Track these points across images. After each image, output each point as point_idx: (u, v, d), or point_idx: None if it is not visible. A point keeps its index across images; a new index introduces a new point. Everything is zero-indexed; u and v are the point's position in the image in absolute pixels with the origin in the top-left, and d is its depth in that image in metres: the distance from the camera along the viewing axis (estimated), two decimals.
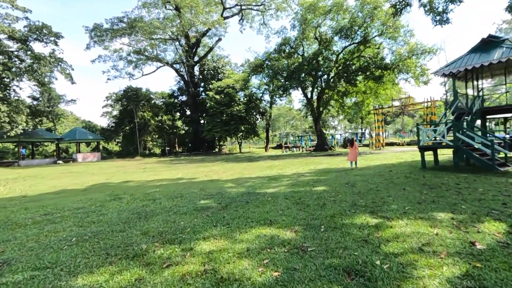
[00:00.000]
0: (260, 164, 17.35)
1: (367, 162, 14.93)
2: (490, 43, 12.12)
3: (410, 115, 73.08)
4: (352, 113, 46.11)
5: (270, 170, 13.66)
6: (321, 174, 11.06)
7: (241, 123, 38.68)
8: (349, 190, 7.27)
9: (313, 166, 14.57)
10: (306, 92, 31.84)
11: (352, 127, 77.02)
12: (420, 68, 24.66)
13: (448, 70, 12.41)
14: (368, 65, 26.74)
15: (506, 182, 7.20)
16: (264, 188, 8.25)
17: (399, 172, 10.26)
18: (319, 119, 31.76)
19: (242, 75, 37.96)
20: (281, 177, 10.62)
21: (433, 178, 8.40)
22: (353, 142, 12.79)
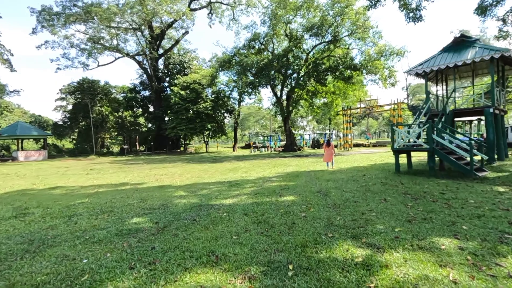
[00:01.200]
0: (224, 166, 15.80)
1: (337, 165, 14.06)
2: (462, 43, 11.76)
3: (374, 117, 75.92)
4: (321, 114, 46.24)
5: (234, 173, 12.18)
6: (289, 178, 9.82)
7: (208, 121, 36.72)
8: (323, 201, 6.03)
9: (281, 168, 13.35)
10: (275, 91, 30.82)
11: (320, 128, 78.16)
12: (388, 70, 24.74)
13: (422, 69, 11.86)
14: (338, 65, 26.37)
15: (493, 191, 6.42)
16: (221, 199, 6.74)
17: (374, 177, 9.34)
18: (288, 118, 30.93)
19: (210, 70, 36.04)
20: (244, 183, 9.18)
21: (412, 185, 7.49)
22: (329, 143, 12.55)
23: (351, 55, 26.97)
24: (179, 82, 36.93)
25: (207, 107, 35.10)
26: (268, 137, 43.15)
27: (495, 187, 6.91)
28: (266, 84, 28.57)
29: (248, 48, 30.99)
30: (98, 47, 37.79)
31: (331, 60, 27.84)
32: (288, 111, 30.00)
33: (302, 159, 19.20)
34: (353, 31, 25.10)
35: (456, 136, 9.82)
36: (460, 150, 8.90)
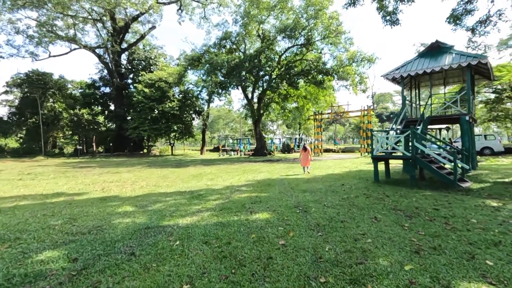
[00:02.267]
0: (188, 171, 14.22)
1: (312, 171, 13.20)
2: (438, 49, 11.53)
3: (342, 123, 78.09)
4: (292, 118, 46.06)
5: (198, 180, 10.73)
6: (261, 188, 8.64)
7: (174, 122, 34.57)
8: (303, 221, 4.92)
9: (252, 175, 12.16)
10: (246, 92, 29.72)
11: (290, 133, 78.63)
12: (359, 76, 24.82)
13: (399, 74, 11.42)
14: (310, 69, 25.99)
15: (488, 207, 5.77)
16: (177, 217, 5.35)
17: (353, 187, 8.49)
18: (259, 121, 29.97)
19: (177, 68, 34.02)
20: (208, 193, 7.82)
21: (399, 198, 6.68)
22: (306, 148, 12.73)
23: (323, 60, 26.78)
24: (143, 79, 34.40)
25: (174, 107, 33.00)
26: (237, 140, 41.90)
27: (486, 200, 6.30)
28: (237, 85, 27.36)
29: (219, 47, 29.64)
30: (50, 35, 33.93)
31: (304, 63, 27.44)
32: (259, 114, 29.04)
33: (274, 164, 18.20)
34: (325, 36, 24.88)
35: (438, 144, 9.33)
36: (442, 159, 8.36)
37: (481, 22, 13.65)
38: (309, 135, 57.07)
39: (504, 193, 7.03)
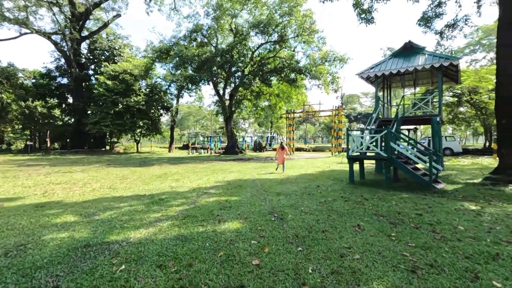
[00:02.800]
0: (152, 171, 13.04)
1: (285, 172, 12.69)
2: (411, 49, 11.54)
3: (312, 123, 79.56)
4: (264, 116, 45.68)
5: (161, 181, 9.70)
6: (231, 190, 7.88)
7: (140, 117, 32.51)
8: (280, 232, 4.26)
9: (222, 175, 11.35)
10: (218, 89, 28.69)
11: (262, 131, 78.51)
12: (331, 75, 24.93)
13: (373, 73, 11.25)
14: (283, 67, 25.60)
15: (468, 211, 5.54)
16: (128, 229, 4.43)
17: (329, 188, 8.05)
18: (231, 119, 29.08)
19: (144, 60, 31.96)
20: (172, 197, 6.90)
21: (378, 202, 6.30)
22: (283, 147, 12.87)
23: (296, 58, 26.55)
24: (106, 70, 31.88)
25: (140, 102, 30.97)
26: (208, 138, 40.63)
27: (464, 203, 6.12)
28: (207, 80, 26.21)
29: (189, 40, 28.24)
30: None
31: (277, 61, 27.02)
32: (230, 111, 28.15)
33: (245, 163, 17.50)
34: (299, 34, 24.64)
35: (413, 144, 9.22)
36: (417, 159, 8.21)
37: (448, 26, 14.02)
38: (281, 133, 57.25)
39: (478, 195, 6.96)
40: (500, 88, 9.22)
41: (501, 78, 9.22)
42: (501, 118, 9.12)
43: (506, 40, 9.13)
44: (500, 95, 9.14)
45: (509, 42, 9.05)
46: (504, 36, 9.21)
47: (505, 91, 9.03)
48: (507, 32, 9.15)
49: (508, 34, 9.11)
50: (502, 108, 9.11)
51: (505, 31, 9.22)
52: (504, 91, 9.05)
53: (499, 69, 9.38)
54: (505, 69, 9.13)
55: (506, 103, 8.98)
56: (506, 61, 9.09)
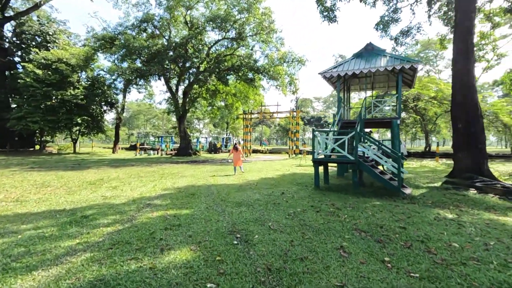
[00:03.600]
0: (85, 176, 10.88)
1: (244, 175, 11.62)
2: (372, 51, 11.37)
3: (267, 124, 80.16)
4: (219, 117, 44.18)
5: (93, 189, 7.87)
6: (182, 201, 6.54)
7: (78, 113, 28.57)
8: (247, 265, 3.15)
9: (171, 180, 9.83)
10: (170, 85, 26.52)
11: (217, 132, 76.61)
12: (289, 76, 24.65)
13: (336, 72, 10.82)
14: (241, 65, 24.60)
15: (447, 220, 5.06)
16: (13, 273, 2.90)
17: (295, 195, 7.18)
18: (184, 118, 27.12)
19: (84, 49, 28.24)
20: (100, 214, 5.32)
21: (353, 212, 5.56)
22: (237, 148, 12.60)
23: (254, 57, 25.79)
24: (36, 58, 27.36)
25: (78, 96, 27.19)
26: (159, 138, 37.76)
27: (438, 211, 5.69)
28: (158, 74, 23.97)
29: (138, 30, 25.64)
30: None
31: (235, 59, 25.94)
32: (184, 110, 26.20)
33: (199, 166, 16.01)
34: (257, 32, 23.90)
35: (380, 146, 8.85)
36: (385, 163, 7.80)
37: (403, 33, 14.41)
38: (237, 135, 56.32)
39: (446, 201, 6.69)
40: (456, 94, 9.38)
41: (457, 84, 9.39)
42: (457, 123, 9.27)
43: (461, 48, 9.33)
44: (457, 101, 9.30)
45: (464, 49, 9.26)
46: (460, 43, 9.41)
47: (461, 97, 9.19)
48: (461, 36, 9.35)
49: (463, 41, 9.31)
50: (457, 113, 9.27)
51: (460, 39, 9.42)
52: (460, 97, 9.21)
53: (455, 76, 9.57)
54: (460, 76, 9.31)
55: (461, 108, 9.14)
56: (461, 68, 9.27)
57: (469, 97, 8.97)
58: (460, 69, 9.24)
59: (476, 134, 8.81)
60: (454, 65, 9.53)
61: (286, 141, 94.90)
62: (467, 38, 9.18)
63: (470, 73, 9.10)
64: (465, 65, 9.13)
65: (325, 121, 72.88)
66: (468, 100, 8.98)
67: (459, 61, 9.30)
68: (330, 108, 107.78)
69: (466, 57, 9.15)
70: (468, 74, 9.08)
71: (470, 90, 9.04)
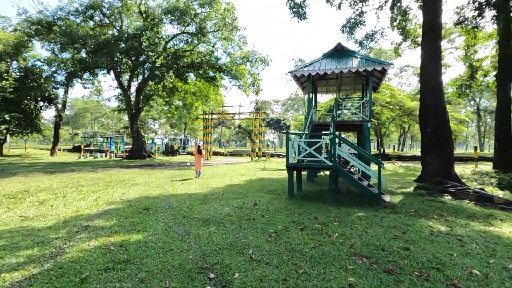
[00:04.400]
0: (4, 187, 8.67)
1: (206, 181, 10.40)
2: (342, 51, 11.03)
3: (227, 126, 78.79)
4: (177, 117, 41.82)
5: (11, 207, 6.04)
6: (131, 220, 5.18)
7: (6, 108, 24.34)
8: None
9: (120, 191, 8.24)
10: (121, 80, 23.92)
11: (174, 133, 73.01)
12: (252, 76, 23.86)
13: (307, 72, 10.22)
14: (202, 63, 23.16)
15: (444, 235, 4.55)
16: None
17: (270, 207, 6.26)
18: (137, 117, 24.69)
19: (15, 34, 24.18)
20: (9, 246, 3.78)
21: (342, 228, 4.80)
22: (200, 151, 11.87)
23: (216, 55, 24.51)
24: None
25: (5, 88, 23.13)
26: (108, 138, 34.20)
27: (428, 223, 5.21)
28: (107, 67, 21.36)
29: (84, 17, 22.66)
30: None
31: (195, 55, 24.38)
32: (137, 108, 23.81)
33: (154, 171, 14.29)
34: (219, 28, 22.70)
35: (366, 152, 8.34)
36: (366, 168, 7.28)
37: (367, 37, 14.46)
38: (196, 136, 54.12)
39: (427, 209, 6.34)
40: (425, 98, 9.37)
41: (426, 88, 9.38)
42: (426, 126, 9.24)
43: (430, 51, 9.34)
44: (426, 104, 9.27)
45: (433, 53, 9.28)
46: (428, 47, 9.42)
47: (430, 100, 9.18)
48: (430, 41, 9.38)
49: (431, 45, 9.34)
50: (427, 116, 9.24)
51: (428, 40, 9.44)
52: (429, 101, 9.20)
53: (424, 80, 9.56)
54: (429, 79, 9.31)
55: (430, 112, 9.12)
56: (430, 71, 9.28)
57: (438, 101, 9.00)
58: (429, 72, 9.24)
59: (445, 137, 8.84)
60: (423, 69, 9.54)
61: (246, 143, 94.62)
62: (436, 41, 9.22)
63: (438, 77, 9.14)
64: (434, 69, 9.16)
65: (284, 124, 73.97)
66: (437, 104, 8.99)
67: (428, 65, 9.31)
68: (289, 111, 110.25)
69: (435, 61, 9.18)
70: (437, 78, 9.11)
71: (439, 94, 9.07)
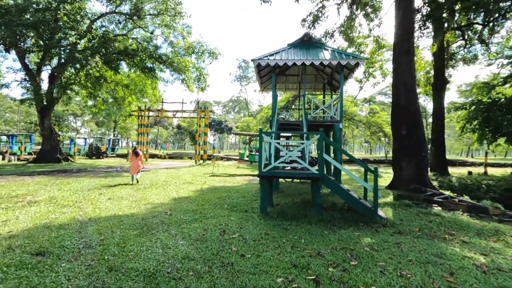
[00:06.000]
0: None
1: (142, 193, 7.90)
2: (309, 42, 9.80)
3: (164, 126, 73.07)
4: (105, 113, 36.48)
5: None
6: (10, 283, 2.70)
7: None
8: None
9: (5, 215, 5.31)
10: (27, 62, 18.83)
11: (101, 132, 64.26)
12: (198, 71, 21.40)
13: (274, 61, 8.67)
14: (138, 50, 19.78)
15: (499, 273, 3.35)
16: None
17: (246, 236, 4.40)
18: (50, 110, 19.78)
19: None
20: None
21: (364, 271, 3.24)
22: (137, 153, 10.28)
23: (155, 43, 21.33)
24: None
25: None
26: (10, 137, 27.25)
27: (456, 248, 4.05)
28: (5, 43, 16.36)
29: None
30: None
31: (129, 41, 20.80)
32: (50, 99, 19.01)
33: (70, 179, 10.90)
34: (161, 11, 19.73)
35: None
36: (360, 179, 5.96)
37: (326, 34, 13.72)
38: (128, 136, 48.31)
39: (431, 226, 5.32)
40: (399, 98, 8.70)
41: (401, 88, 8.72)
42: (399, 127, 8.55)
43: (403, 48, 8.73)
44: (401, 105, 8.59)
45: (406, 50, 8.68)
46: (402, 43, 8.81)
47: (404, 101, 8.53)
48: (402, 38, 8.78)
49: (404, 41, 8.74)
50: (401, 118, 8.56)
51: (402, 39, 8.83)
52: (403, 101, 8.54)
53: (397, 79, 8.91)
54: (403, 78, 8.67)
55: (405, 113, 8.47)
56: (404, 69, 8.65)
57: (413, 100, 8.39)
58: (403, 71, 8.61)
59: (420, 140, 8.24)
60: (397, 67, 8.90)
61: (185, 145, 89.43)
62: (409, 38, 8.63)
63: (412, 75, 8.55)
64: (408, 67, 8.56)
65: (225, 125, 72.15)
66: (412, 103, 8.36)
67: (402, 63, 8.69)
68: (230, 113, 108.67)
69: (408, 59, 8.60)
70: (411, 76, 8.51)
71: (412, 93, 8.47)
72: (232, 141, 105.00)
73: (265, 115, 30.93)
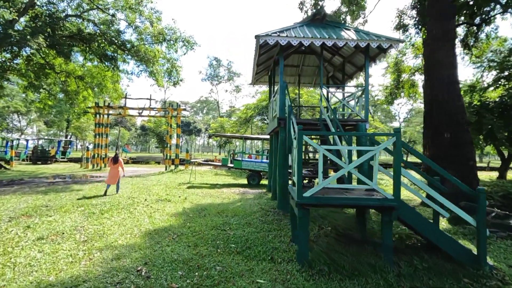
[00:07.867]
0: None
1: (95, 223, 5.23)
2: (322, 21, 7.81)
3: (126, 126, 67.22)
4: (54, 110, 31.59)
5: None
6: None
7: None
8: None
9: None
10: None
11: (51, 133, 56.98)
12: (170, 62, 18.47)
13: (286, 39, 6.53)
14: (95, 35, 16.46)
15: None
16: None
17: None
18: None
19: None
20: None
21: None
22: (117, 159, 9.22)
23: (117, 28, 18.01)
24: None
25: None
26: None
27: None
28: None
29: None
30: None
31: (84, 24, 17.34)
32: None
33: None
34: None
35: None
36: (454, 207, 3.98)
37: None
38: (83, 137, 42.97)
39: None
40: (438, 93, 7.00)
41: (437, 79, 7.04)
42: (439, 130, 6.85)
43: (438, 32, 7.06)
44: (440, 101, 6.91)
45: (443, 34, 7.03)
46: (435, 27, 7.14)
47: (445, 96, 6.86)
48: (438, 20, 7.13)
49: (440, 21, 7.09)
50: (441, 118, 6.86)
51: (437, 18, 7.17)
52: (444, 96, 6.87)
53: (431, 69, 7.22)
54: (441, 68, 7.00)
55: (446, 112, 6.79)
56: (442, 56, 6.98)
57: (457, 96, 6.73)
58: (441, 58, 6.90)
59: (467, 145, 6.60)
60: (430, 55, 7.19)
61: (149, 147, 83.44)
62: (449, 20, 6.99)
63: (452, 65, 6.90)
64: (447, 54, 6.88)
65: (194, 127, 68.52)
66: (455, 100, 6.70)
67: (438, 50, 6.99)
68: (198, 114, 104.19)
69: (447, 45, 6.92)
70: (452, 67, 6.85)
71: (454, 87, 6.82)
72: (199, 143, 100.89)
73: (244, 116, 28.49)
